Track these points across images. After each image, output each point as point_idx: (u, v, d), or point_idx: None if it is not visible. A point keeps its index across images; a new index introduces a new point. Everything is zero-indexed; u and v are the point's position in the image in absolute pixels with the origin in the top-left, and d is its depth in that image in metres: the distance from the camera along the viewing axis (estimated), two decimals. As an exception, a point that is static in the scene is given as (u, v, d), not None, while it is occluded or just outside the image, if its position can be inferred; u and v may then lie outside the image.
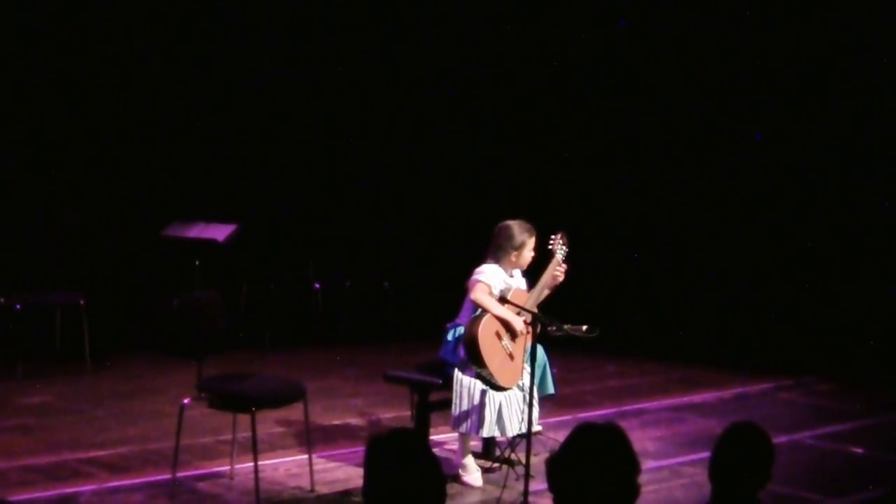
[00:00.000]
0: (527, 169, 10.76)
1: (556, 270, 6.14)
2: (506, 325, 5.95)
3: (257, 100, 10.10)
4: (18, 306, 8.24)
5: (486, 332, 5.88)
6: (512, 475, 5.97)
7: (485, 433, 6.00)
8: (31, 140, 9.01)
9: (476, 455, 6.29)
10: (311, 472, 5.97)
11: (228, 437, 6.16)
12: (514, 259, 6.10)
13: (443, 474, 2.91)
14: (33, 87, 8.97)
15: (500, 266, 6.08)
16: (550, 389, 6.33)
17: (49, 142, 9.08)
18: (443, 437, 6.69)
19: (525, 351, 5.92)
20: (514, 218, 6.20)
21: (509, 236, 6.07)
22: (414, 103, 10.87)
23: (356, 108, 10.62)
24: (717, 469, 3.50)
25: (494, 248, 6.10)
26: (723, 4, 9.90)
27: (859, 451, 7.05)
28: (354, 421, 7.39)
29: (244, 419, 5.74)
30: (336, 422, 7.32)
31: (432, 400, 6.18)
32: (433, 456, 2.90)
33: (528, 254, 6.14)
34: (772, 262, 9.89)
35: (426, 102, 10.92)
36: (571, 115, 10.63)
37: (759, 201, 9.99)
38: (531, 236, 6.12)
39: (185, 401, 5.76)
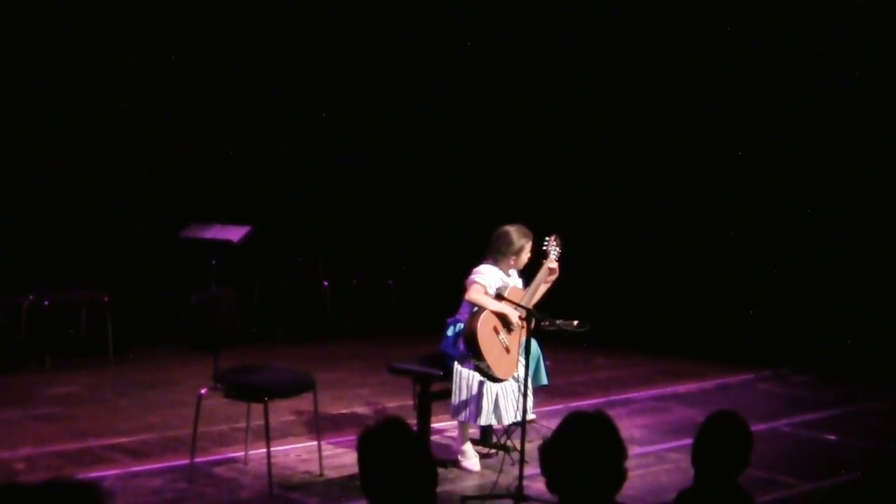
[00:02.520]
0: (521, 173, 10.74)
1: (549, 268, 6.15)
2: (503, 319, 5.96)
3: (271, 111, 10.10)
4: (47, 303, 8.26)
5: (485, 327, 5.88)
6: (508, 460, 5.97)
7: (482, 421, 6.01)
8: (59, 150, 9.01)
9: (474, 442, 6.30)
10: (321, 457, 5.97)
11: (243, 424, 6.17)
12: (512, 262, 6.12)
13: (433, 459, 2.90)
14: (62, 98, 8.96)
15: (499, 267, 6.08)
16: (544, 380, 6.33)
17: (75, 152, 9.08)
18: (443, 425, 6.69)
19: (520, 344, 5.94)
20: (511, 221, 6.21)
21: (509, 242, 6.08)
22: (416, 114, 10.85)
23: (362, 121, 10.60)
24: (700, 455, 3.50)
25: (494, 251, 6.10)
26: (710, 10, 9.85)
27: (832, 438, 7.06)
28: (361, 410, 7.39)
29: (257, 408, 5.75)
30: (343, 410, 7.32)
31: (434, 390, 6.17)
32: (422, 443, 2.90)
33: (525, 256, 6.15)
34: (751, 261, 9.88)
35: (428, 112, 10.90)
36: (562, 122, 10.60)
37: (737, 205, 9.97)
38: (529, 240, 6.13)
39: (203, 391, 5.77)
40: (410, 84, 10.78)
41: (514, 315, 5.94)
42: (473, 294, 5.95)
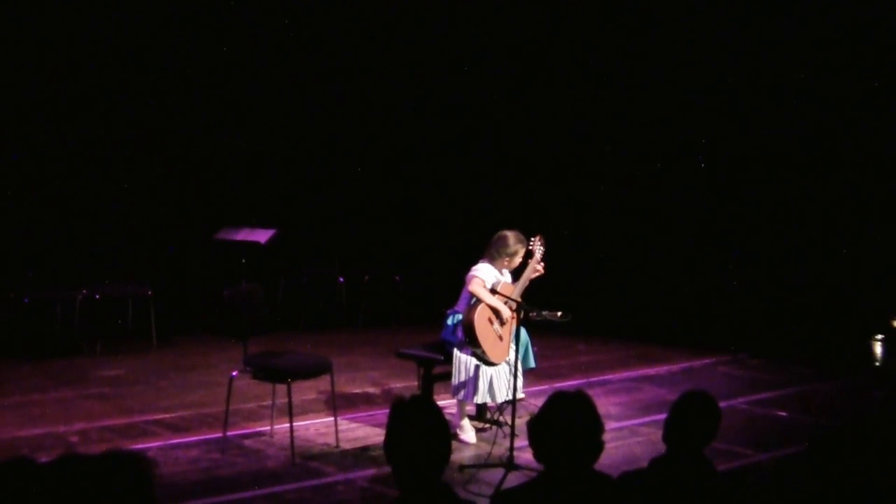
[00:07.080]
0: (510, 174, 10.69)
1: (536, 267, 6.16)
2: (496, 312, 5.97)
3: (294, 130, 10.09)
4: (98, 296, 8.28)
5: (480, 318, 5.89)
6: (500, 434, 5.98)
7: (478, 400, 6.02)
8: (110, 168, 9.02)
9: (471, 417, 6.30)
10: (337, 431, 5.99)
11: (269, 402, 6.18)
12: (507, 263, 6.13)
13: (450, 434, 2.92)
14: (105, 118, 8.96)
15: (493, 265, 6.10)
16: (531, 364, 6.34)
17: (123, 170, 9.09)
18: (443, 403, 6.65)
19: (511, 333, 5.95)
20: (498, 222, 6.23)
21: (506, 245, 6.09)
22: (419, 124, 10.83)
23: (372, 131, 10.59)
24: (672, 428, 3.45)
25: (491, 250, 6.11)
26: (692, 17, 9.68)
27: (783, 414, 7.05)
28: (372, 390, 7.39)
29: (282, 388, 5.77)
30: (357, 390, 7.33)
31: (435, 372, 6.18)
32: (444, 419, 2.91)
33: (518, 259, 6.16)
34: (714, 257, 9.86)
35: (430, 122, 10.87)
36: (552, 129, 10.55)
37: (700, 208, 9.94)
38: (524, 246, 6.14)
39: (234, 373, 5.78)
40: (414, 95, 10.71)
41: (505, 307, 5.95)
42: (475, 287, 5.96)
